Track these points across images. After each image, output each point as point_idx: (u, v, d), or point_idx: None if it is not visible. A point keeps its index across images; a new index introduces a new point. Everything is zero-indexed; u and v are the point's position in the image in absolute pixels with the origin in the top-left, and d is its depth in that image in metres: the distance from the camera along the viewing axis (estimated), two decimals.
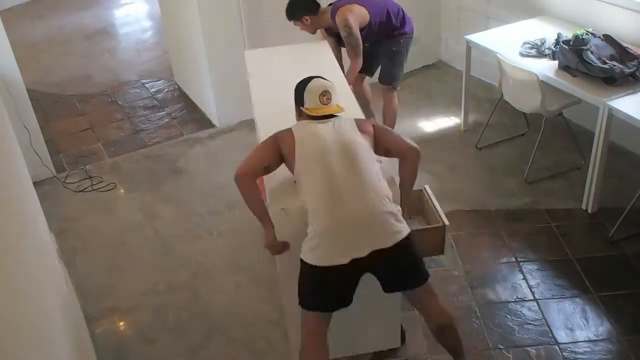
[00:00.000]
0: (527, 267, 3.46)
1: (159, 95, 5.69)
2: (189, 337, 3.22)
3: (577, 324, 3.11)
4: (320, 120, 2.63)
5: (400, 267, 2.51)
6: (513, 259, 3.52)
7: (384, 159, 2.69)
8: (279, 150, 2.58)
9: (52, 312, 2.25)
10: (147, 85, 5.89)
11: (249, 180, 2.55)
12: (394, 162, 2.69)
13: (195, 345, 3.17)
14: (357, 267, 2.44)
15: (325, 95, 2.64)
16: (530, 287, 3.33)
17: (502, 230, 3.72)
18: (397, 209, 2.51)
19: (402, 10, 4.16)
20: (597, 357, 2.94)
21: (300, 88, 2.71)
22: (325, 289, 2.49)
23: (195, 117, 5.26)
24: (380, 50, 4.19)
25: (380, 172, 2.56)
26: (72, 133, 5.17)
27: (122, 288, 3.55)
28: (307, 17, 4.00)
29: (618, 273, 3.38)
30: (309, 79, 2.71)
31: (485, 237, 3.69)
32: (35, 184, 3.83)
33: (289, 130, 2.63)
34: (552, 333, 3.07)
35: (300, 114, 2.72)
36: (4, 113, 2.31)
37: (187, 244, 3.83)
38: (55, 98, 5.75)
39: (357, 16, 3.91)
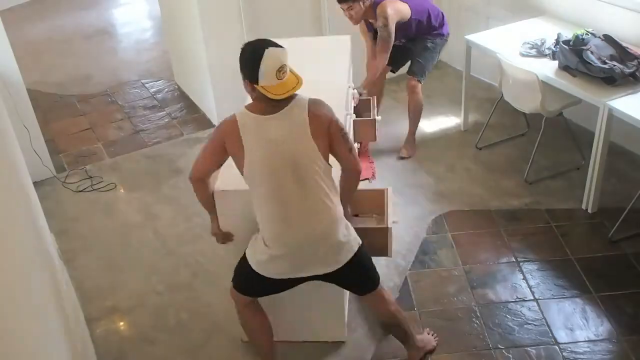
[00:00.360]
0: (527, 267, 3.46)
1: (159, 95, 5.69)
2: (189, 337, 3.22)
3: (577, 324, 3.11)
4: (272, 115, 2.40)
5: (345, 282, 2.65)
6: (513, 259, 3.52)
7: None
8: (226, 151, 2.48)
9: (52, 312, 2.25)
10: (147, 85, 5.89)
11: (203, 184, 2.62)
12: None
13: (195, 345, 3.17)
14: (298, 280, 2.59)
15: (282, 70, 2.34)
16: (530, 287, 3.33)
17: (502, 230, 3.72)
18: (348, 229, 2.56)
19: (442, 14, 4.25)
20: (597, 357, 2.94)
21: (251, 59, 2.34)
22: (259, 287, 2.68)
23: (195, 117, 5.26)
24: (414, 46, 4.26)
25: (333, 183, 2.52)
26: (72, 133, 5.17)
27: (122, 288, 3.56)
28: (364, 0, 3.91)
29: (618, 273, 3.38)
30: (259, 46, 2.34)
31: (485, 237, 3.69)
32: (35, 184, 3.82)
33: (235, 125, 2.41)
34: (552, 333, 3.07)
35: (253, 89, 2.40)
36: (4, 113, 2.31)
37: (187, 244, 3.83)
38: (55, 98, 5.74)
39: (397, 11, 3.97)
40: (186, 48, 5.16)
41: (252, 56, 2.34)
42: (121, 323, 3.36)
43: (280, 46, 2.36)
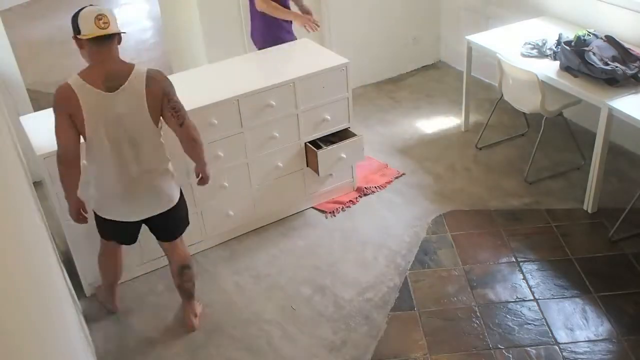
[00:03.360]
0: (527, 267, 3.46)
1: None
2: (189, 337, 3.22)
3: (577, 324, 3.11)
4: (116, 92, 2.69)
5: (167, 225, 3.06)
6: (513, 259, 3.52)
7: None
8: (74, 123, 2.70)
9: (52, 313, 2.25)
10: None
11: (74, 165, 2.77)
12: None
13: (195, 345, 3.17)
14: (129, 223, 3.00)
15: (102, 19, 2.64)
16: (530, 287, 3.33)
17: (502, 230, 3.72)
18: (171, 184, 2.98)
19: None
20: (597, 357, 2.94)
21: (74, 18, 2.70)
22: (116, 232, 3.06)
23: None
24: None
25: (164, 149, 2.90)
26: None
27: (122, 288, 3.55)
28: None
29: (618, 273, 3.38)
30: (82, 8, 2.70)
31: (485, 237, 3.69)
32: (35, 184, 3.83)
33: (72, 92, 2.66)
34: (552, 333, 3.07)
35: (81, 45, 2.73)
36: (4, 113, 2.31)
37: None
38: None
39: None
40: (186, 48, 5.16)
41: (74, 16, 2.69)
42: (121, 323, 3.36)
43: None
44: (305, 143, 3.81)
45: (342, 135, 3.89)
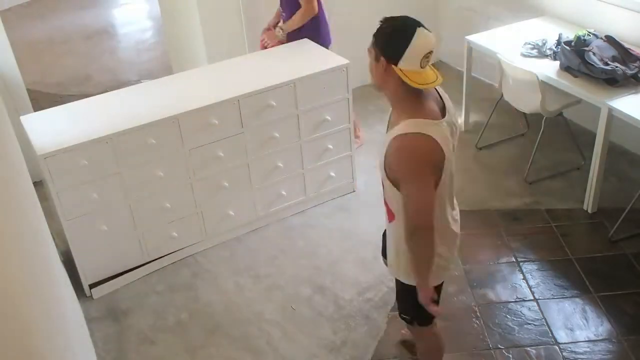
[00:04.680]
0: (527, 267, 3.46)
1: None
2: (189, 337, 3.22)
3: (577, 324, 3.11)
4: (440, 120, 2.13)
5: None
6: (513, 259, 3.52)
7: None
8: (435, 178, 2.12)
9: (52, 313, 2.25)
10: None
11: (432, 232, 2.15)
12: None
13: (195, 345, 3.17)
14: None
15: (427, 58, 2.05)
16: (530, 287, 3.33)
17: (502, 230, 3.72)
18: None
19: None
20: (597, 357, 2.94)
21: (399, 34, 2.04)
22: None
23: None
24: None
25: None
26: None
27: (122, 288, 3.55)
28: None
29: (618, 273, 3.38)
30: (411, 23, 2.05)
31: (485, 237, 3.69)
32: (35, 184, 3.83)
33: (432, 140, 2.06)
34: (552, 333, 3.07)
35: (388, 72, 2.09)
36: (4, 113, 2.31)
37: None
38: (55, 98, 5.74)
39: None
40: (186, 48, 5.15)
41: (401, 31, 2.04)
42: (121, 323, 3.36)
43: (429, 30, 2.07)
44: None
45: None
